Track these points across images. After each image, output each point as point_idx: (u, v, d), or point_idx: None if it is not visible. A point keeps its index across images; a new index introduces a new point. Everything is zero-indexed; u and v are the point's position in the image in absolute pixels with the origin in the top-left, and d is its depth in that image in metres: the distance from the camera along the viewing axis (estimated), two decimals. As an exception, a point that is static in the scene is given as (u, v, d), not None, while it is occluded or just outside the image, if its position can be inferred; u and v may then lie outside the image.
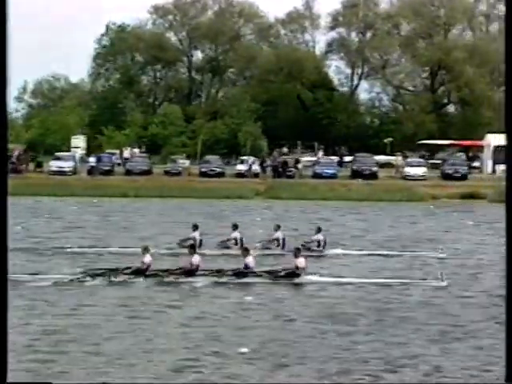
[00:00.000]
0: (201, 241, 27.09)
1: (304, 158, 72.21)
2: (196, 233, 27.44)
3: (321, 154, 76.47)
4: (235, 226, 28.06)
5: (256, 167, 65.64)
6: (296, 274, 22.07)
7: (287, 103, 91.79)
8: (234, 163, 69.68)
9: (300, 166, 65.85)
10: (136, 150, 74.51)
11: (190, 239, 26.81)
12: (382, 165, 70.99)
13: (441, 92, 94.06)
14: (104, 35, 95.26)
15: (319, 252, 27.36)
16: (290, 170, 64.79)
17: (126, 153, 72.46)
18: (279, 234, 27.86)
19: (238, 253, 24.40)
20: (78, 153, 72.73)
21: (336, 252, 28.11)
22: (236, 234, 27.69)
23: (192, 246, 23.65)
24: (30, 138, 79.37)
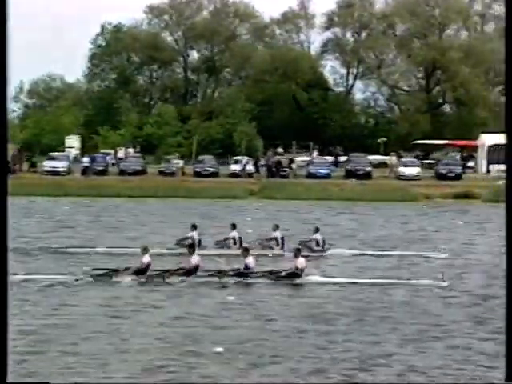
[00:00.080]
0: (199, 240, 27.05)
1: (298, 158, 72.16)
2: (194, 232, 27.44)
3: (315, 154, 76.41)
4: (233, 226, 28.07)
5: (250, 167, 65.58)
6: (297, 275, 22.02)
7: (282, 103, 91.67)
8: (229, 163, 69.62)
9: (294, 166, 65.81)
10: (130, 150, 74.41)
11: (189, 239, 26.78)
12: (377, 165, 70.96)
13: (436, 92, 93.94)
14: (99, 35, 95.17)
15: (322, 252, 27.34)
16: (284, 170, 64.72)
17: (121, 153, 72.38)
18: (278, 234, 27.86)
19: (237, 252, 24.43)
20: (72, 153, 72.70)
21: (337, 252, 27.97)
22: (234, 234, 27.70)
23: (191, 246, 23.60)
24: (25, 138, 79.22)
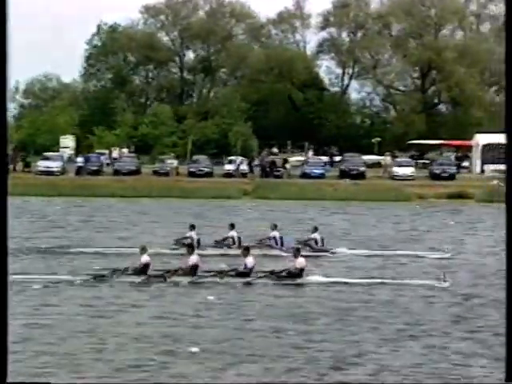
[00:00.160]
0: (198, 240, 27.03)
1: (293, 158, 72.16)
2: (193, 232, 27.44)
3: (310, 154, 76.44)
4: (232, 226, 28.06)
5: (244, 167, 65.55)
6: (298, 275, 21.96)
7: (278, 103, 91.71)
8: (224, 163, 69.55)
9: (288, 166, 65.78)
10: (125, 150, 74.41)
11: (187, 238, 26.80)
12: (371, 165, 70.98)
13: (431, 92, 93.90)
14: (95, 35, 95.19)
15: (325, 251, 27.38)
16: (278, 170, 64.67)
17: (115, 153, 72.39)
18: (276, 233, 27.87)
19: (236, 252, 24.41)
20: (67, 153, 72.64)
21: (337, 251, 27.89)
22: (233, 234, 27.69)
23: (190, 246, 23.59)
24: (20, 138, 79.13)
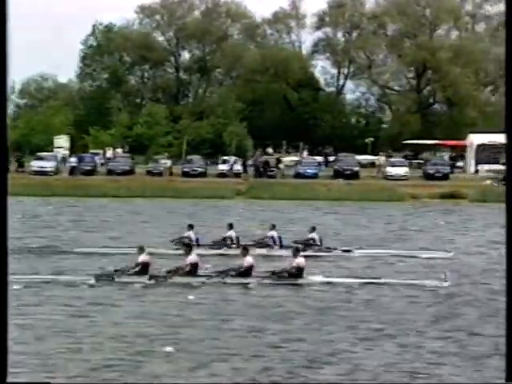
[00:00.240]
0: (197, 239, 26.99)
1: (287, 158, 72.19)
2: (191, 232, 27.42)
3: (305, 154, 76.46)
4: (230, 226, 28.05)
5: (238, 167, 65.53)
6: (299, 275, 21.91)
7: (273, 103, 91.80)
8: (218, 163, 69.48)
9: (282, 166, 65.76)
10: (119, 150, 74.41)
11: (185, 238, 26.76)
12: (366, 165, 71.06)
13: (426, 92, 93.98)
14: (91, 35, 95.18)
15: (329, 251, 27.42)
16: (272, 170, 64.64)
17: (109, 153, 72.37)
18: (274, 233, 27.87)
19: (235, 252, 24.39)
20: (61, 153, 72.58)
21: (338, 251, 27.81)
22: (232, 233, 27.67)
23: (188, 246, 23.54)
24: (15, 139, 79.00)
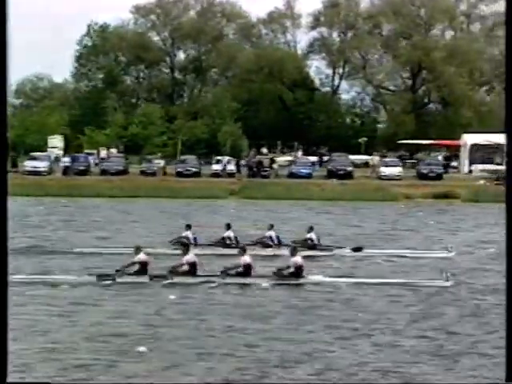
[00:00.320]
0: (195, 239, 27.05)
1: (281, 158, 72.17)
2: (189, 232, 27.47)
3: (300, 154, 76.44)
4: (228, 226, 28.11)
5: (231, 167, 65.46)
6: (299, 274, 21.90)
7: (268, 103, 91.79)
8: (212, 163, 69.42)
9: (275, 166, 65.71)
10: (113, 150, 74.36)
11: (183, 238, 26.80)
12: (360, 165, 71.05)
13: (421, 92, 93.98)
14: (86, 35, 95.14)
15: (329, 251, 27.47)
16: (265, 170, 64.54)
17: (103, 153, 72.34)
18: (272, 233, 27.97)
19: (233, 252, 24.38)
20: (55, 153, 72.53)
21: (343, 251, 27.83)
22: (230, 233, 27.73)
23: (185, 245, 23.56)
24: (10, 139, 79.00)
